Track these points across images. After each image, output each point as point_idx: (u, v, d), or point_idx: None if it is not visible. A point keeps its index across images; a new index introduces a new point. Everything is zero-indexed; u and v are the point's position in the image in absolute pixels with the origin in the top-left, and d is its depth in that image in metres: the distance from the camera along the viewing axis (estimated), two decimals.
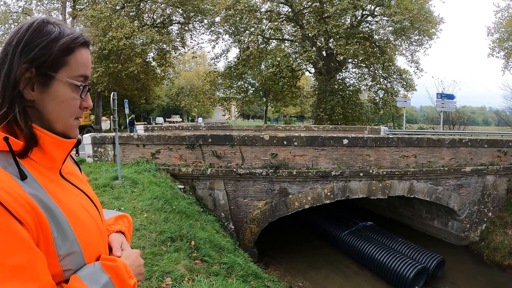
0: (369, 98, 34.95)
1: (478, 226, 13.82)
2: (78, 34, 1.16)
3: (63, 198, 1.12)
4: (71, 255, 1.08)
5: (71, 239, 1.08)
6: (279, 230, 14.10)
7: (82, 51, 1.15)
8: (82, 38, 1.16)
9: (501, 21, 32.81)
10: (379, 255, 11.66)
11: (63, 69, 1.11)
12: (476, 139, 13.82)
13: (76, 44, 1.13)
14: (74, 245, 1.09)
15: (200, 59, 57.99)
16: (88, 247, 1.14)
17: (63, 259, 1.06)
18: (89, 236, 1.17)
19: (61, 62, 1.10)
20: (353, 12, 26.95)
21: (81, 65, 1.15)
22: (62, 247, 1.05)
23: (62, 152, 1.18)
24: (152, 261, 5.58)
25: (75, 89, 1.14)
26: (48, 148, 1.12)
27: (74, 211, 1.14)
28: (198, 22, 32.11)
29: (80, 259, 1.11)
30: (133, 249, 1.38)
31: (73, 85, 1.13)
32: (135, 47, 26.28)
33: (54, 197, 1.08)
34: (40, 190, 1.05)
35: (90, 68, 1.20)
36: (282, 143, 11.75)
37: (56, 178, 1.18)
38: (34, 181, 1.06)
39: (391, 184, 12.38)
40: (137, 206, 7.76)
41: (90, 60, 1.21)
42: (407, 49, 32.37)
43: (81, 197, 1.24)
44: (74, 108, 1.15)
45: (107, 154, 11.89)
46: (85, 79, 1.16)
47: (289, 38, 33.82)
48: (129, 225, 1.53)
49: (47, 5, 31.18)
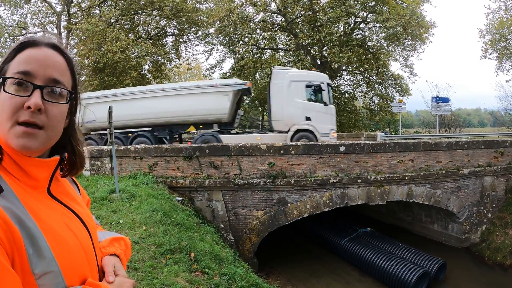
0: (365, 104, 35.01)
1: (478, 228, 13.81)
2: (24, 39, 1.13)
3: (44, 216, 1.08)
4: (48, 274, 1.02)
5: (48, 258, 1.02)
6: (279, 239, 14.03)
7: (25, 52, 1.10)
8: (25, 40, 1.12)
9: (493, 22, 33.00)
10: (380, 261, 11.62)
11: (7, 74, 1.08)
12: (473, 141, 13.88)
13: (18, 47, 1.10)
14: (52, 265, 1.03)
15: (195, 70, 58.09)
16: (68, 268, 1.08)
17: (39, 278, 1.00)
18: (70, 256, 1.11)
19: (6, 68, 1.09)
20: (346, 19, 27.08)
21: (19, 63, 1.08)
22: (38, 265, 1.00)
23: (42, 171, 1.13)
24: (152, 274, 5.56)
25: (12, 88, 1.06)
26: (26, 167, 1.09)
27: (54, 230, 1.09)
28: (193, 33, 32.23)
29: (59, 280, 1.04)
30: (127, 279, 1.32)
31: (9, 84, 1.06)
32: (130, 60, 26.33)
33: (32, 213, 1.04)
34: (17, 204, 1.01)
35: (35, 63, 1.08)
36: (279, 152, 11.75)
37: (41, 196, 1.13)
38: (12, 195, 1.02)
39: (389, 189, 12.38)
40: (135, 219, 7.74)
41: (38, 56, 1.10)
42: (401, 54, 32.48)
43: (68, 217, 1.19)
44: (9, 108, 1.04)
45: (104, 167, 11.86)
46: (25, 75, 1.06)
47: (283, 48, 33.95)
48: (126, 248, 1.45)
49: (42, 19, 31.20)
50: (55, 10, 29.72)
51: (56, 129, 1.13)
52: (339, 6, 26.09)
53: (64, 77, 1.14)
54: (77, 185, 1.42)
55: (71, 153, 1.25)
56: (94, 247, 1.26)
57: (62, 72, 1.14)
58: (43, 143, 1.09)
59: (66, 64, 1.17)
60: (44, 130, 1.08)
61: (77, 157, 1.28)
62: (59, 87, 1.11)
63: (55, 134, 1.13)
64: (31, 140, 1.05)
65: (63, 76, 1.14)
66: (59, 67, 1.13)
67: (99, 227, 1.52)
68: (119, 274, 1.29)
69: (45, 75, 1.09)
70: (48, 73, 1.09)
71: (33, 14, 30.73)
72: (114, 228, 7.12)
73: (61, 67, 1.14)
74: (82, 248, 1.17)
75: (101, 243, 1.38)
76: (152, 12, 30.00)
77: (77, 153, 1.27)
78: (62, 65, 1.15)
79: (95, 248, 1.27)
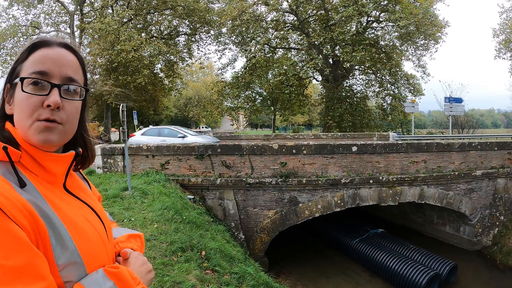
0: (377, 104, 34.80)
1: (490, 230, 13.66)
2: (36, 39, 1.16)
3: (64, 208, 1.12)
4: (71, 265, 1.05)
5: (71, 249, 1.06)
6: (290, 239, 14.04)
7: (38, 52, 1.13)
8: (37, 40, 1.15)
9: (506, 22, 32.44)
10: (391, 262, 11.57)
11: (21, 74, 1.11)
12: (486, 142, 13.73)
13: (30, 47, 1.14)
14: (74, 255, 1.06)
15: (208, 69, 58.28)
16: (90, 258, 1.12)
17: (63, 270, 1.03)
18: (91, 247, 1.14)
19: (20, 68, 1.13)
20: (358, 18, 26.96)
21: (34, 63, 1.11)
22: (61, 257, 1.03)
23: (59, 165, 1.16)
24: (163, 272, 5.59)
25: (29, 87, 1.09)
26: (44, 162, 1.12)
27: (75, 221, 1.12)
28: (205, 33, 32.32)
29: (81, 271, 1.08)
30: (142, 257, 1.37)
31: (26, 84, 1.09)
32: (143, 59, 26.49)
33: (53, 206, 1.08)
34: (39, 198, 1.05)
35: (50, 62, 1.12)
36: (291, 152, 11.75)
37: (59, 191, 1.17)
38: (34, 189, 1.06)
39: (401, 190, 12.31)
40: (147, 217, 7.80)
41: (52, 56, 1.13)
42: (414, 54, 32.25)
43: (85, 210, 1.23)
44: (29, 107, 1.08)
45: (117, 165, 11.98)
46: (41, 75, 1.10)
47: (295, 47, 33.90)
48: (141, 245, 1.49)
49: (55, 18, 31.59)
50: (68, 10, 30.05)
51: (73, 124, 1.18)
52: (351, 5, 25.97)
53: (78, 75, 1.19)
54: (87, 182, 1.46)
55: (83, 147, 1.30)
56: (109, 240, 1.29)
57: (76, 70, 1.19)
58: (62, 137, 1.13)
59: (78, 62, 1.21)
60: (63, 125, 1.12)
61: (88, 151, 1.33)
62: (74, 85, 1.16)
63: (72, 129, 1.18)
64: (51, 133, 1.09)
65: (77, 74, 1.19)
66: (73, 66, 1.18)
67: (113, 224, 1.56)
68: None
69: (60, 74, 1.13)
70: (64, 71, 1.14)
71: (46, 13, 31.14)
72: (126, 226, 7.17)
73: (74, 65, 1.19)
74: (101, 239, 1.21)
75: (118, 238, 1.42)
76: (165, 12, 30.17)
77: (88, 147, 1.32)
78: (75, 63, 1.19)
79: (110, 242, 1.30)
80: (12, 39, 29.30)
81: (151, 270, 1.34)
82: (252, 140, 23.08)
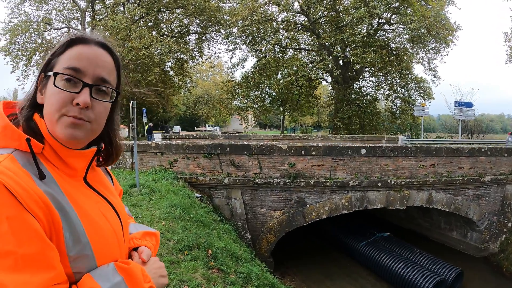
0: (387, 107, 34.70)
1: (497, 237, 13.54)
2: (75, 34, 1.17)
3: (81, 202, 1.13)
4: (82, 258, 1.07)
5: (84, 242, 1.07)
6: (296, 240, 14.02)
7: (75, 48, 1.13)
8: (75, 36, 1.16)
9: None
10: (397, 267, 11.51)
11: (55, 68, 1.12)
12: (496, 148, 13.63)
13: (68, 42, 1.14)
14: (86, 248, 1.08)
15: (217, 68, 58.30)
16: (102, 253, 1.13)
17: (73, 261, 1.05)
18: (104, 242, 1.15)
19: (56, 61, 1.13)
20: (369, 20, 26.86)
21: (70, 59, 1.11)
22: (73, 249, 1.05)
23: (80, 161, 1.18)
24: (170, 269, 5.62)
25: (61, 83, 1.09)
26: (65, 157, 1.14)
27: (91, 216, 1.13)
28: (215, 32, 32.39)
29: (92, 264, 1.10)
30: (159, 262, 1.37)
31: (58, 78, 1.09)
32: (154, 57, 26.59)
33: (71, 199, 1.09)
34: (57, 191, 1.06)
35: (85, 61, 1.12)
36: (299, 153, 11.74)
37: (78, 184, 1.18)
38: (53, 181, 1.07)
39: (409, 194, 12.25)
40: (154, 214, 7.84)
41: (88, 54, 1.13)
42: (424, 57, 32.11)
43: (103, 205, 1.24)
44: (58, 102, 1.08)
45: (125, 161, 12.05)
46: (75, 72, 1.10)
47: (305, 48, 33.87)
48: (156, 243, 1.49)
49: (66, 15, 31.82)
50: (80, 7, 30.26)
51: (100, 123, 1.18)
52: (362, 6, 25.90)
53: (111, 76, 1.19)
54: (110, 175, 1.47)
55: (108, 144, 1.30)
56: (124, 236, 1.30)
57: (110, 71, 1.18)
58: (88, 134, 1.14)
59: (113, 63, 1.21)
60: (90, 123, 1.12)
61: (113, 148, 1.33)
62: (106, 86, 1.16)
63: (98, 128, 1.18)
64: (78, 130, 1.09)
65: (110, 75, 1.18)
66: (108, 67, 1.18)
67: (131, 219, 1.57)
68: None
69: (94, 74, 1.12)
70: (97, 72, 1.13)
71: (58, 10, 31.34)
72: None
73: (109, 66, 1.18)
74: (115, 235, 1.22)
75: (133, 234, 1.42)
76: (176, 10, 30.26)
77: (114, 144, 1.33)
78: (110, 64, 1.19)
79: (125, 238, 1.31)
80: (23, 34, 29.54)
81: (166, 276, 1.34)
82: (260, 140, 23.07)
